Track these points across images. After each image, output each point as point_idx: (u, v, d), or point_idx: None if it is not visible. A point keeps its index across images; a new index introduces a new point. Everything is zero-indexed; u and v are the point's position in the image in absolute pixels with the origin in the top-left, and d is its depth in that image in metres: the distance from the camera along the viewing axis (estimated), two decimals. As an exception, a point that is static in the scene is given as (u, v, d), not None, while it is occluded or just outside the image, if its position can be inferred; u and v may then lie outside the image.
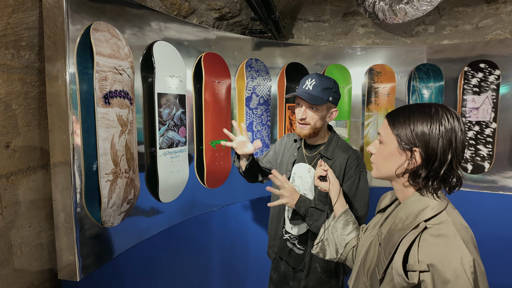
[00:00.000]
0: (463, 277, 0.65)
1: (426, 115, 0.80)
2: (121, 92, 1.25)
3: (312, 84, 1.32)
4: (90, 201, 1.21)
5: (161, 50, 1.49)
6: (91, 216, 1.21)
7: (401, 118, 0.83)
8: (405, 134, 0.81)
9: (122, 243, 1.37)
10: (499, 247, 2.24)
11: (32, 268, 1.20)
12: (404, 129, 0.81)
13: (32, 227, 1.22)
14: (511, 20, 2.57)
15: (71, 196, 1.15)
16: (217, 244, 1.99)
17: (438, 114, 0.79)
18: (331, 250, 1.14)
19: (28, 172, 1.19)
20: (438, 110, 0.80)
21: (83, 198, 1.19)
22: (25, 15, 1.09)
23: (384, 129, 0.88)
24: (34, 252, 1.21)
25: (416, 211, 0.78)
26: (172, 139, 1.56)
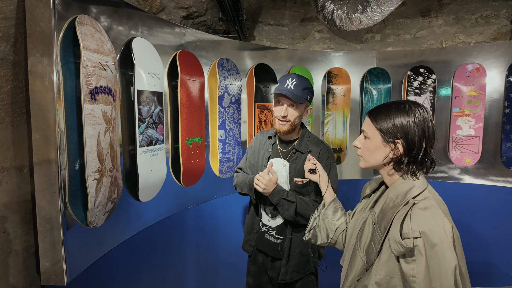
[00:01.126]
0: (446, 240, 0.80)
1: (402, 110, 0.95)
2: (106, 88, 1.22)
3: (293, 83, 1.43)
4: (74, 202, 1.16)
5: (140, 46, 1.47)
6: (75, 217, 1.16)
7: (382, 115, 0.98)
8: (387, 128, 0.95)
9: (105, 244, 1.33)
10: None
11: (7, 276, 1.12)
12: (386, 124, 0.96)
13: (7, 232, 1.13)
14: (442, 32, 2.99)
15: (56, 196, 1.09)
16: (194, 241, 2.00)
17: (412, 109, 0.95)
18: (322, 236, 1.26)
19: (1, 174, 1.11)
20: (411, 106, 0.96)
21: (67, 198, 1.13)
22: (3, 4, 1.01)
23: (368, 126, 1.02)
24: (9, 259, 1.13)
25: (404, 190, 0.92)
26: (151, 137, 1.55)
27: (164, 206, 1.75)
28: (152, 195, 1.61)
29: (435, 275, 0.81)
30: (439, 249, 0.81)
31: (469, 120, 2.53)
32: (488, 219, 2.55)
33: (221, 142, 2.09)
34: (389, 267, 0.89)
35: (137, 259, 1.56)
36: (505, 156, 2.44)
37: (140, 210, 1.57)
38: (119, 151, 1.34)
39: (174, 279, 1.86)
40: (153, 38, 1.61)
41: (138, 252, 1.56)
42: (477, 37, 2.90)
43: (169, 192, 1.76)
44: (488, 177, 2.56)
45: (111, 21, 1.36)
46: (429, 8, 2.98)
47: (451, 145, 2.58)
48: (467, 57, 2.51)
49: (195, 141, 1.87)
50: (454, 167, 2.63)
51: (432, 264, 0.81)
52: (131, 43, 1.43)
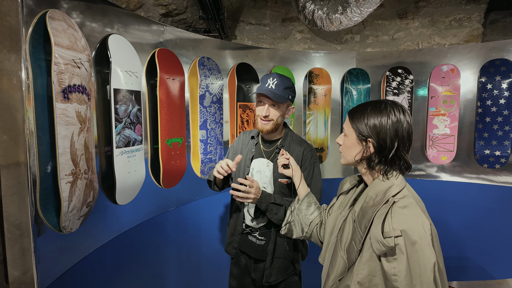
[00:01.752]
0: (425, 238, 0.81)
1: (377, 110, 0.97)
2: (80, 87, 1.17)
3: (275, 83, 1.42)
4: (46, 206, 1.10)
5: (116, 44, 1.42)
6: (48, 222, 1.10)
7: (358, 114, 1.00)
8: (361, 127, 0.98)
9: (80, 249, 1.27)
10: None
11: (-26, 288, 1.05)
12: (360, 123, 0.98)
13: (-29, 240, 1.06)
14: (418, 34, 3.07)
15: (26, 201, 1.03)
16: (175, 244, 1.95)
17: (387, 109, 0.96)
18: (297, 230, 1.28)
19: (-35, 178, 1.03)
20: (387, 106, 0.97)
21: (38, 203, 1.08)
22: (-36, -4, 0.95)
23: (346, 124, 1.05)
24: (-25, 269, 1.05)
25: (384, 189, 0.93)
26: (128, 137, 1.50)
27: (144, 209, 1.70)
28: (131, 197, 1.56)
29: (415, 273, 0.82)
30: (419, 246, 0.82)
31: (444, 119, 2.61)
32: (463, 215, 2.64)
33: (203, 142, 2.05)
34: (370, 266, 0.89)
35: (115, 264, 1.51)
36: (478, 154, 2.53)
37: (117, 214, 1.51)
38: (94, 153, 1.29)
39: (155, 284, 1.81)
40: (131, 35, 1.56)
41: (116, 257, 1.51)
42: (451, 39, 3.00)
43: (149, 194, 1.71)
44: (463, 174, 2.65)
45: (86, 17, 1.30)
46: (406, 10, 3.05)
47: (428, 144, 2.65)
48: (443, 58, 2.59)
49: (175, 141, 1.82)
50: (431, 165, 2.71)
51: (413, 261, 0.82)
52: (107, 40, 1.38)
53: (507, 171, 2.51)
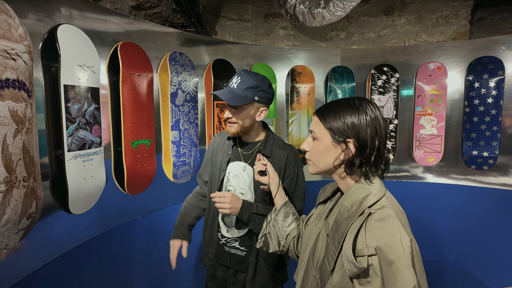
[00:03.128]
0: (404, 257, 0.69)
1: (353, 107, 0.85)
2: (16, 82, 1.01)
3: (237, 82, 1.27)
4: (-27, 220, 0.95)
5: (67, 34, 1.26)
6: (-25, 239, 0.95)
7: (331, 113, 0.88)
8: (337, 127, 0.86)
9: (22, 267, 1.12)
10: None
11: None
12: (336, 122, 0.86)
13: None
14: (404, 31, 2.98)
15: None
16: (144, 255, 1.80)
17: (362, 106, 0.85)
18: (273, 243, 1.15)
19: None
20: (362, 103, 0.86)
21: (-38, 216, 0.92)
22: None
23: (316, 126, 0.91)
24: None
25: (360, 198, 0.81)
26: (84, 139, 1.34)
27: (105, 218, 1.55)
28: (88, 206, 1.41)
29: None
30: (396, 267, 0.69)
31: (431, 119, 2.52)
32: (450, 218, 2.55)
33: (175, 144, 1.91)
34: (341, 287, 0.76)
35: (71, 279, 1.35)
36: (466, 155, 2.44)
37: (72, 224, 1.36)
38: (38, 157, 1.13)
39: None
40: (88, 26, 1.41)
41: (72, 272, 1.35)
42: (438, 37, 2.92)
43: (111, 201, 1.56)
44: (450, 175, 2.56)
45: (33, 4, 1.15)
46: (392, 7, 2.96)
47: (414, 145, 2.56)
48: (429, 56, 2.50)
49: (142, 143, 1.68)
50: (417, 166, 2.62)
51: (389, 285, 0.70)
52: (55, 30, 1.22)
53: (495, 173, 2.43)
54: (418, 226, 2.55)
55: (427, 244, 2.57)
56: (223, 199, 1.25)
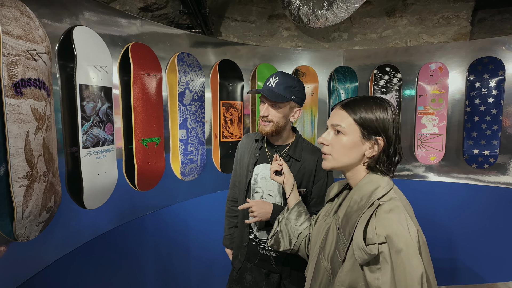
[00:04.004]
0: (412, 245, 0.73)
1: (381, 105, 0.86)
2: (37, 81, 1.06)
3: (275, 81, 1.30)
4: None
5: (83, 36, 1.31)
6: (0, 230, 0.99)
7: (361, 107, 0.87)
8: (369, 123, 0.86)
9: (41, 258, 1.17)
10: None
11: None
12: (368, 117, 0.86)
13: None
14: (406, 32, 3.02)
15: (-30, 207, 0.92)
16: (153, 251, 1.85)
17: (388, 104, 0.88)
18: (285, 242, 1.16)
19: None
20: (386, 101, 0.89)
21: (-13, 209, 0.97)
22: None
23: (343, 120, 0.89)
24: None
25: (369, 191, 0.84)
26: (97, 136, 1.39)
27: (116, 213, 1.59)
28: (101, 201, 1.45)
29: (401, 285, 0.73)
30: (405, 255, 0.74)
31: (433, 118, 2.56)
32: (452, 216, 2.59)
33: (183, 142, 1.96)
34: (352, 276, 0.81)
35: (85, 272, 1.40)
36: (467, 154, 2.49)
37: (86, 219, 1.41)
38: (56, 153, 1.18)
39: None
40: (101, 28, 1.46)
41: (83, 267, 1.40)
42: (439, 37, 2.96)
43: (122, 197, 1.61)
44: (452, 174, 2.60)
45: (47, 7, 1.20)
46: (394, 8, 3.00)
47: (416, 144, 2.60)
48: (431, 56, 2.54)
49: (152, 141, 1.72)
50: (419, 165, 2.66)
51: (398, 272, 0.74)
52: (71, 32, 1.27)
53: (496, 171, 2.48)
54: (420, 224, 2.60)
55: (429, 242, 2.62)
56: (249, 209, 1.28)
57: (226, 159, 2.22)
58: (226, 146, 2.22)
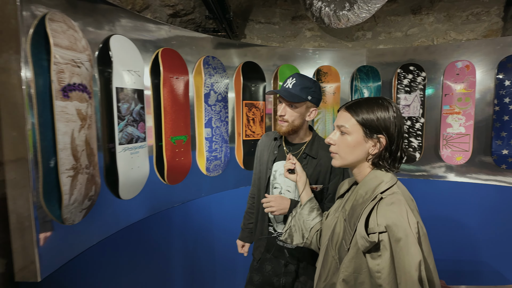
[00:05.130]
0: (411, 235, 0.79)
1: (383, 106, 0.94)
2: (80, 86, 1.22)
3: (292, 83, 1.38)
4: (49, 199, 1.16)
5: (118, 44, 1.46)
6: (51, 214, 1.16)
7: (363, 109, 0.95)
8: (371, 122, 0.94)
9: (83, 241, 1.33)
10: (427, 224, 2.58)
11: (-18, 274, 1.12)
12: (369, 118, 0.94)
13: (-20, 230, 1.13)
14: (433, 30, 2.97)
15: (28, 194, 1.09)
16: (180, 240, 1.99)
17: (390, 104, 0.95)
18: (297, 236, 1.24)
19: (-26, 171, 1.11)
20: (388, 101, 0.96)
21: (41, 195, 1.13)
22: (-29, 1, 1.01)
23: (347, 121, 0.97)
24: (-16, 256, 1.12)
25: (373, 186, 0.91)
26: (131, 134, 1.54)
27: (148, 204, 1.74)
28: (135, 193, 1.61)
29: (400, 271, 0.80)
30: (404, 244, 0.80)
31: (459, 118, 2.51)
32: (478, 218, 2.53)
33: (208, 140, 2.08)
34: (356, 263, 0.88)
35: (118, 257, 1.56)
36: (496, 154, 2.42)
37: (121, 208, 1.56)
38: (96, 149, 1.34)
39: (157, 280, 1.86)
40: (134, 35, 1.60)
41: (119, 250, 1.56)
42: (468, 35, 2.88)
43: (153, 190, 1.76)
44: (479, 175, 2.54)
45: (88, 19, 1.35)
46: (420, 5, 2.96)
47: (441, 143, 2.56)
48: (457, 54, 2.49)
49: (180, 139, 1.86)
50: (445, 165, 2.61)
51: (397, 259, 0.80)
52: (109, 40, 1.42)
53: (526, 172, 2.39)
54: (446, 225, 2.56)
55: (456, 243, 2.57)
56: (268, 203, 1.37)
57: (248, 157, 2.33)
58: (248, 144, 2.32)
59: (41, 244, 1.13)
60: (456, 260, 2.59)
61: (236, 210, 2.20)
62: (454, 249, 2.59)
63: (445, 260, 2.58)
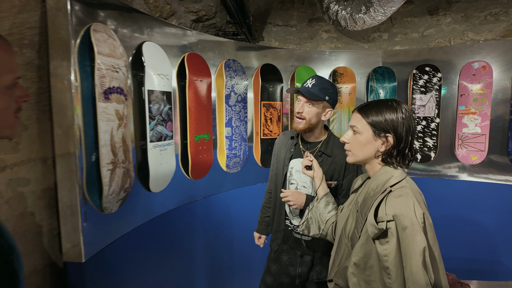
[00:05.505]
0: (416, 224, 0.88)
1: (391, 107, 1.04)
2: (118, 89, 1.36)
3: (312, 83, 1.49)
4: (91, 190, 1.30)
5: (150, 50, 1.60)
6: (92, 203, 1.30)
7: (372, 111, 1.06)
8: (379, 123, 1.03)
9: (119, 228, 1.47)
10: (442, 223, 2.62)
11: (35, 254, 1.27)
12: (378, 119, 1.04)
13: (34, 215, 1.28)
14: (450, 30, 2.99)
15: (75, 185, 1.24)
16: (202, 232, 2.13)
17: (399, 106, 1.04)
18: (314, 227, 1.34)
19: (29, 164, 1.26)
20: (398, 103, 1.05)
21: (85, 187, 1.28)
22: (28, 15, 1.16)
23: (358, 121, 1.08)
24: (37, 239, 1.28)
25: (384, 180, 1.01)
26: (160, 133, 1.68)
27: (174, 197, 1.88)
28: (163, 186, 1.74)
29: (406, 256, 0.89)
30: (410, 232, 0.89)
31: (475, 118, 2.54)
32: (494, 218, 2.54)
33: (228, 139, 2.20)
34: (366, 249, 0.97)
35: (148, 243, 1.70)
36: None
37: (151, 200, 1.70)
38: (131, 145, 1.48)
39: (180, 265, 1.99)
40: (163, 41, 1.74)
41: (150, 237, 1.70)
42: (486, 35, 2.89)
43: (179, 184, 1.89)
44: (495, 175, 2.56)
45: (124, 28, 1.49)
46: (437, 6, 2.98)
47: (457, 143, 2.59)
48: (473, 55, 2.52)
49: (203, 137, 1.99)
50: (460, 165, 2.64)
51: (403, 245, 0.89)
52: (141, 47, 1.56)
53: (543, 172, 2.39)
54: (461, 225, 2.59)
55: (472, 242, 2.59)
56: (286, 198, 1.48)
57: (266, 155, 2.44)
58: (266, 142, 2.43)
59: (84, 231, 1.28)
60: (473, 259, 2.62)
61: (254, 205, 2.32)
62: (470, 248, 2.61)
63: (462, 259, 2.61)
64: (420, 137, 2.65)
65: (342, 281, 1.05)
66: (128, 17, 1.52)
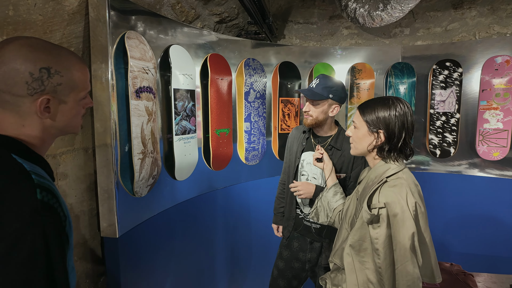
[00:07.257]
0: (407, 212, 0.98)
1: (386, 105, 1.13)
2: (148, 88, 1.54)
3: (316, 83, 1.61)
4: (124, 176, 1.50)
5: (176, 52, 1.78)
6: (126, 188, 1.50)
7: (368, 108, 1.17)
8: (372, 120, 1.14)
9: (148, 210, 1.67)
10: (462, 219, 2.62)
11: (79, 230, 1.50)
12: (371, 116, 1.15)
13: (77, 197, 1.51)
14: (475, 24, 2.93)
15: (111, 172, 1.44)
16: (222, 219, 2.31)
17: (394, 104, 1.13)
18: (322, 215, 1.47)
19: (73, 152, 1.48)
20: (394, 101, 1.14)
21: (119, 173, 1.48)
22: (75, 27, 1.36)
23: (357, 118, 1.20)
24: (79, 217, 1.51)
25: (381, 172, 1.11)
26: (185, 127, 1.86)
27: (197, 186, 2.07)
28: (187, 175, 1.93)
29: (395, 240, 0.99)
30: (400, 218, 0.99)
31: (497, 113, 2.51)
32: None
33: (247, 133, 2.35)
34: (361, 233, 1.08)
35: (173, 226, 1.90)
36: (535, 150, 2.39)
37: (176, 187, 1.89)
38: (159, 138, 1.67)
39: (202, 248, 2.18)
40: (188, 44, 1.91)
41: (175, 221, 1.90)
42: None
43: (201, 174, 2.07)
44: (518, 171, 2.52)
45: (153, 33, 1.68)
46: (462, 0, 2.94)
47: (477, 139, 2.57)
48: (496, 49, 2.48)
49: (223, 131, 2.15)
50: (481, 161, 2.62)
51: (393, 230, 1.00)
52: (168, 50, 1.74)
53: None
54: (479, 221, 2.58)
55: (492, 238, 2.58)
56: (295, 188, 1.61)
57: (283, 149, 2.54)
58: (283, 137, 2.55)
59: (119, 212, 1.48)
60: (492, 256, 2.60)
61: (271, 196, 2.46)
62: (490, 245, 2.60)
63: (482, 256, 2.60)
64: (439, 133, 2.66)
65: (339, 261, 1.17)
66: (157, 22, 1.70)
